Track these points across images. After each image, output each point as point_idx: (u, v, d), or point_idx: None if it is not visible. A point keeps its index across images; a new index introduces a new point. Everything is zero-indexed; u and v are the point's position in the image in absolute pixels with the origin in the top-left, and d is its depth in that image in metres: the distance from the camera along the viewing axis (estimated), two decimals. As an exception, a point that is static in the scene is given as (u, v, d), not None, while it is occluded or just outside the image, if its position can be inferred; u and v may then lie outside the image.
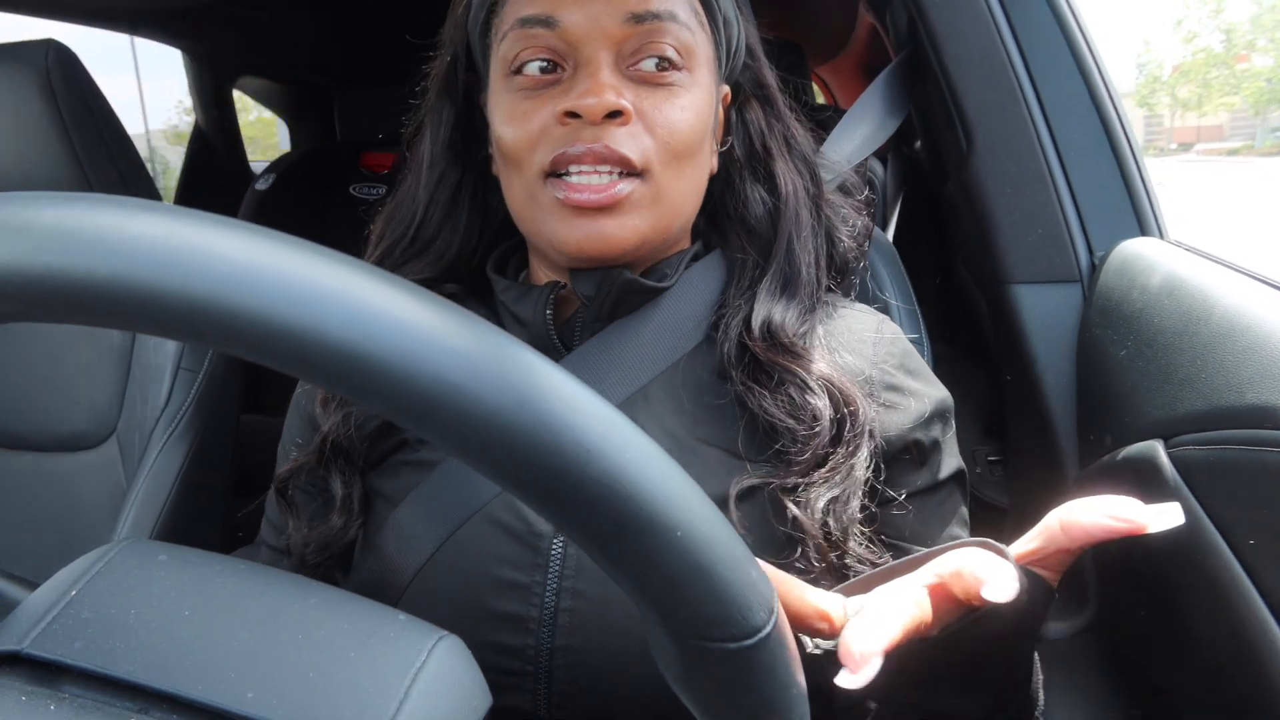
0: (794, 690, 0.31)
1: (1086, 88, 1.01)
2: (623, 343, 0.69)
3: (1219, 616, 0.66)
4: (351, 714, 0.33)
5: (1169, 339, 0.78)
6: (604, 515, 0.27)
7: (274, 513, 0.78)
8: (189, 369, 1.39)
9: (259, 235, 0.26)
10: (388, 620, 0.38)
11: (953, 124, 1.04)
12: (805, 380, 0.65)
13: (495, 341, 0.27)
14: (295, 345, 0.24)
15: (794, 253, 0.72)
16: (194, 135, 2.57)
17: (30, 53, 1.32)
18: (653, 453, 0.28)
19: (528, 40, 0.65)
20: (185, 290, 0.24)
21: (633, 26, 0.64)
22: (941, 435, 0.71)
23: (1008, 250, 1.00)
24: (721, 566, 0.28)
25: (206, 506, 1.43)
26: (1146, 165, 1.02)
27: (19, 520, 1.41)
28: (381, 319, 0.25)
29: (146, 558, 0.38)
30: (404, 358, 0.25)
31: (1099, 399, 0.91)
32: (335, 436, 0.70)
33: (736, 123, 0.75)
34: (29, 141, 1.33)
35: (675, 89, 0.66)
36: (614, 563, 0.28)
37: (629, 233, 0.65)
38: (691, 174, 0.68)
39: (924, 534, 0.69)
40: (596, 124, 0.63)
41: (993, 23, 1.00)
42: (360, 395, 0.25)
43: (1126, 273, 0.91)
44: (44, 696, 0.32)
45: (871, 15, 1.52)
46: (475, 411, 0.25)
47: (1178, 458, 0.71)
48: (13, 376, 1.42)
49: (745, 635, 0.29)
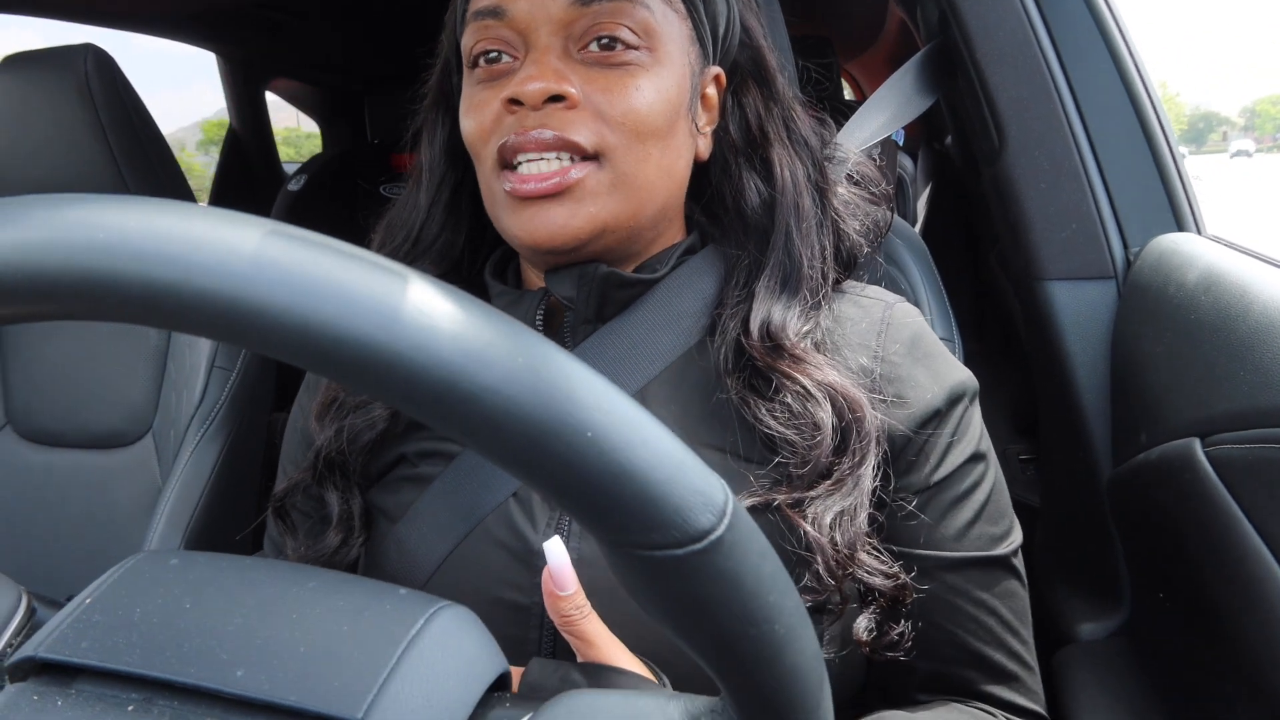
0: (770, 597, 0.30)
1: (1122, 81, 0.99)
2: (613, 344, 0.67)
3: (1257, 619, 0.65)
4: (340, 684, 0.33)
5: (1206, 335, 0.77)
6: (505, 424, 0.26)
7: (274, 530, 0.76)
8: (223, 367, 1.41)
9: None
10: (386, 595, 0.39)
11: (985, 119, 1.03)
12: (806, 388, 0.62)
13: (376, 266, 0.26)
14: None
15: (793, 246, 0.68)
16: (228, 137, 2.61)
17: (69, 57, 1.35)
18: (548, 353, 0.27)
19: (481, 32, 0.64)
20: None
21: (579, 9, 0.62)
22: (958, 423, 0.67)
23: (1041, 246, 0.99)
24: (647, 467, 0.27)
25: (239, 503, 1.45)
26: (1183, 160, 1.01)
27: (58, 516, 1.44)
28: (278, 258, 0.25)
29: (158, 563, 0.40)
30: (285, 293, 0.25)
31: (1134, 396, 0.90)
32: (329, 451, 0.69)
33: (733, 106, 0.72)
34: (68, 144, 1.36)
35: (632, 69, 0.63)
36: (529, 474, 0.27)
37: (583, 220, 0.62)
38: (660, 157, 0.65)
39: (939, 536, 0.66)
40: (539, 110, 0.61)
41: (1025, 16, 0.99)
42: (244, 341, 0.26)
43: (1162, 268, 0.90)
44: (55, 695, 0.34)
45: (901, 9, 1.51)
46: (349, 337, 0.25)
47: (1215, 456, 0.70)
48: (52, 376, 1.45)
49: (690, 540, 0.27)
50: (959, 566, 0.66)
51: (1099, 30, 1.00)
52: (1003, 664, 0.68)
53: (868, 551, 0.61)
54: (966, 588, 0.66)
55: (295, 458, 0.76)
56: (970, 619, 0.67)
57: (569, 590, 0.55)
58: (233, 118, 2.59)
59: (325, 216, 2.54)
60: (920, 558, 0.65)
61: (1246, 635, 0.68)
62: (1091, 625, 0.94)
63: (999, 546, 0.67)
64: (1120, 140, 0.99)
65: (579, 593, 0.56)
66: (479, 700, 0.37)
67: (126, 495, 1.42)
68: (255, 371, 1.45)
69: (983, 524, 0.67)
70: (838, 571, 0.59)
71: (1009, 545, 0.68)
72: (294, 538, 0.72)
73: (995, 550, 0.67)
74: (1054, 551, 1.07)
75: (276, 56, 2.61)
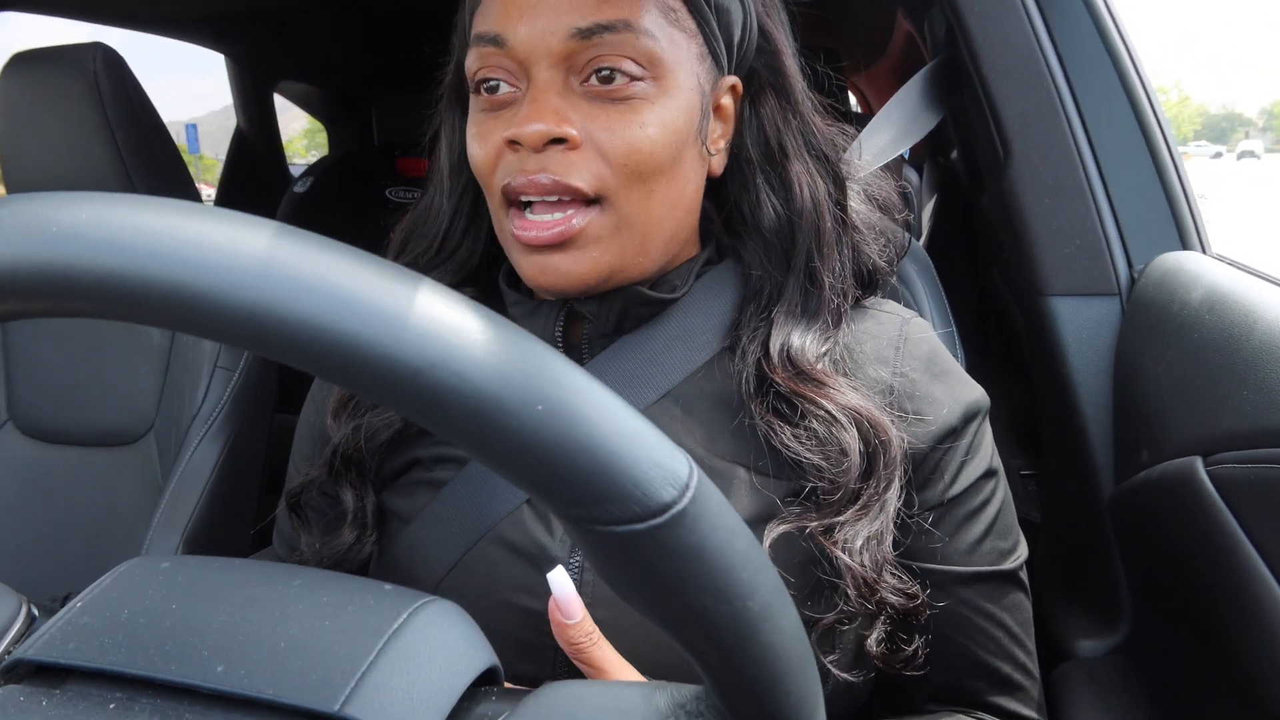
0: (741, 574, 0.29)
1: (1128, 98, 0.99)
2: (628, 358, 0.67)
3: (1256, 639, 0.65)
4: (318, 678, 0.33)
5: (1210, 354, 0.77)
6: (451, 399, 0.25)
7: (286, 526, 0.77)
8: (226, 368, 1.41)
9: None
10: (370, 591, 0.39)
11: (990, 134, 1.03)
12: (831, 413, 0.62)
13: (323, 247, 0.26)
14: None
15: (814, 269, 0.67)
16: (235, 137, 2.61)
17: (78, 56, 1.35)
18: (497, 328, 0.27)
19: (483, 59, 0.62)
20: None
21: (578, 41, 0.59)
22: (972, 440, 0.68)
23: (1044, 262, 0.99)
24: (601, 440, 0.26)
25: (239, 503, 1.45)
26: (1188, 177, 1.01)
27: (59, 513, 1.44)
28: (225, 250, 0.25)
29: (149, 567, 0.40)
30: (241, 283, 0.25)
31: (1136, 414, 0.90)
32: (346, 449, 0.69)
33: (750, 116, 0.69)
34: (75, 142, 1.37)
35: (635, 103, 0.60)
36: (482, 449, 0.27)
37: (586, 267, 0.62)
38: (665, 192, 0.63)
39: (951, 551, 0.66)
40: (539, 151, 0.60)
41: (1032, 32, 0.99)
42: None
43: (1166, 286, 0.90)
44: (41, 696, 0.34)
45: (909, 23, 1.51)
46: (282, 314, 0.25)
47: (1216, 475, 0.70)
48: (56, 373, 1.45)
49: (650, 514, 0.27)
50: (970, 581, 0.67)
51: (1105, 46, 1.00)
52: (1009, 675, 0.69)
53: (891, 572, 0.62)
54: (976, 601, 0.67)
55: (307, 453, 0.76)
56: (979, 631, 0.68)
57: (576, 618, 0.55)
58: (240, 119, 2.60)
59: (331, 219, 2.55)
60: (932, 572, 0.66)
61: (1246, 655, 0.68)
62: (1091, 642, 0.94)
63: (1008, 561, 0.68)
64: (1125, 157, 0.99)
65: (586, 619, 0.56)
66: (464, 694, 0.37)
67: (127, 493, 1.42)
68: (258, 373, 1.45)
69: (993, 539, 0.68)
70: (866, 594, 0.60)
71: (1016, 560, 0.69)
72: (308, 533, 0.72)
73: (1004, 565, 0.68)
74: (1054, 567, 1.07)
75: (284, 58, 2.62)
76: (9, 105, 1.38)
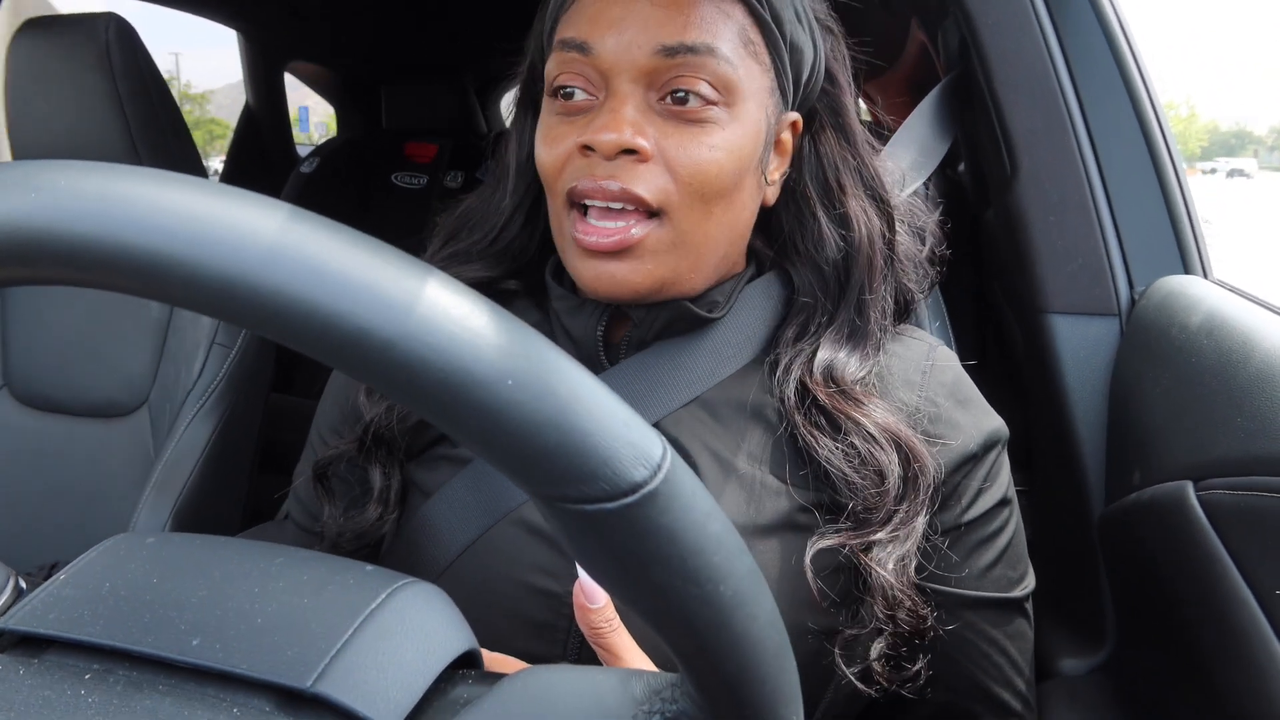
0: (715, 557, 0.29)
1: (1137, 119, 0.99)
2: (659, 363, 0.68)
3: (1239, 665, 0.65)
4: (292, 654, 0.34)
5: (1206, 379, 0.77)
6: (421, 372, 0.25)
7: (308, 496, 0.78)
8: (223, 344, 1.41)
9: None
10: (351, 571, 0.39)
11: (998, 148, 1.03)
12: (871, 432, 0.63)
13: (298, 217, 0.26)
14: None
15: (865, 304, 0.69)
16: (243, 116, 2.61)
17: (90, 26, 1.35)
18: (468, 301, 0.27)
19: (564, 65, 0.64)
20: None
21: (663, 59, 0.61)
22: (990, 468, 0.69)
23: (1046, 279, 0.99)
24: (572, 416, 0.26)
25: (230, 480, 1.45)
26: (1194, 201, 1.01)
27: (49, 483, 1.44)
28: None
29: (135, 543, 0.40)
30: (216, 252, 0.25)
31: (1130, 435, 0.90)
32: (378, 427, 0.70)
33: (809, 153, 0.71)
34: (83, 113, 1.36)
35: (707, 126, 0.63)
36: (452, 424, 0.26)
37: (641, 277, 0.64)
38: (723, 215, 0.65)
39: (962, 575, 0.67)
40: (611, 159, 0.62)
41: (1045, 48, 0.99)
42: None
43: (1166, 309, 0.90)
44: (19, 665, 0.34)
45: (923, 33, 1.51)
46: (248, 282, 0.25)
47: (1206, 501, 0.70)
48: (52, 342, 1.45)
49: (620, 493, 0.26)
50: (977, 605, 0.68)
51: (1116, 64, 1.00)
52: (1008, 702, 0.70)
53: (911, 594, 0.63)
54: (982, 626, 0.69)
55: (335, 426, 0.77)
56: (982, 656, 0.69)
57: (599, 604, 0.55)
58: (250, 96, 2.60)
59: (336, 200, 2.54)
60: (942, 594, 0.66)
61: (1226, 680, 0.68)
62: (1074, 660, 0.94)
63: (1016, 589, 0.70)
64: (1131, 177, 0.99)
65: (608, 606, 0.56)
66: (440, 676, 0.37)
67: (119, 465, 1.42)
68: (255, 351, 1.45)
69: (1003, 566, 0.69)
70: (892, 612, 0.61)
71: (1024, 589, 0.71)
72: (332, 504, 0.73)
73: (1012, 593, 0.70)
74: (1040, 584, 1.07)
75: (296, 37, 2.62)
76: (19, 72, 1.37)
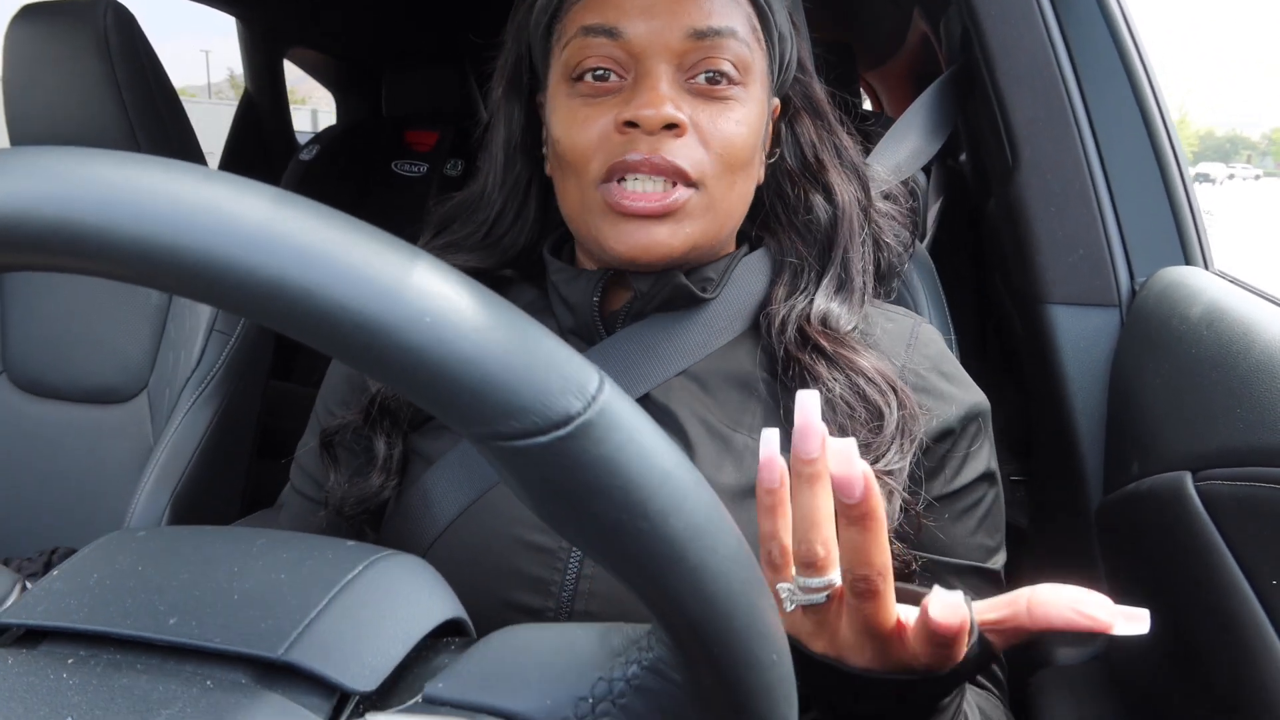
0: (663, 489, 0.27)
1: (1139, 110, 0.99)
2: (656, 335, 0.71)
3: (1235, 656, 0.65)
4: (265, 627, 0.34)
5: (1206, 370, 0.77)
6: (340, 317, 0.25)
7: (313, 465, 0.80)
8: (222, 331, 1.41)
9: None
10: (330, 547, 0.39)
11: (999, 139, 1.03)
12: (869, 375, 0.67)
13: (210, 178, 0.26)
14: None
15: (849, 260, 0.75)
16: (242, 102, 2.60)
17: (89, 11, 1.34)
18: (376, 242, 0.26)
19: (590, 49, 0.67)
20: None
21: (694, 41, 0.66)
22: (972, 441, 0.71)
23: (1047, 270, 0.99)
24: (495, 350, 0.26)
25: (229, 468, 1.45)
26: (1195, 192, 1.01)
27: (46, 469, 1.44)
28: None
29: (126, 537, 0.41)
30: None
31: (1129, 426, 0.90)
32: (383, 398, 0.73)
33: (787, 135, 0.77)
34: (82, 98, 1.36)
35: (731, 103, 0.68)
36: (377, 368, 0.26)
37: (681, 239, 0.67)
38: (742, 185, 0.70)
39: (947, 542, 0.69)
40: (653, 134, 0.65)
41: (1048, 39, 0.98)
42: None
43: (1167, 300, 0.90)
44: (9, 655, 0.35)
45: (925, 23, 1.50)
46: (164, 242, 0.25)
47: (1205, 491, 0.70)
48: (50, 328, 1.45)
49: (552, 425, 0.26)
50: (957, 572, 0.70)
51: (1119, 56, 1.00)
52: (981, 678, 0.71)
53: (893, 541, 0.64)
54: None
55: (342, 397, 0.79)
56: None
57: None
58: (249, 83, 2.58)
59: (336, 188, 2.53)
60: (924, 560, 0.68)
61: (1221, 670, 0.68)
62: (1069, 650, 0.95)
63: (991, 560, 0.72)
64: (1133, 168, 0.99)
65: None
66: (425, 644, 0.37)
67: (117, 452, 1.42)
68: (254, 338, 1.44)
69: (981, 536, 0.71)
70: None
71: (997, 562, 0.72)
72: (337, 472, 0.75)
73: (989, 563, 0.71)
74: (1037, 573, 1.07)
75: (296, 24, 2.60)
76: (16, 57, 1.37)
